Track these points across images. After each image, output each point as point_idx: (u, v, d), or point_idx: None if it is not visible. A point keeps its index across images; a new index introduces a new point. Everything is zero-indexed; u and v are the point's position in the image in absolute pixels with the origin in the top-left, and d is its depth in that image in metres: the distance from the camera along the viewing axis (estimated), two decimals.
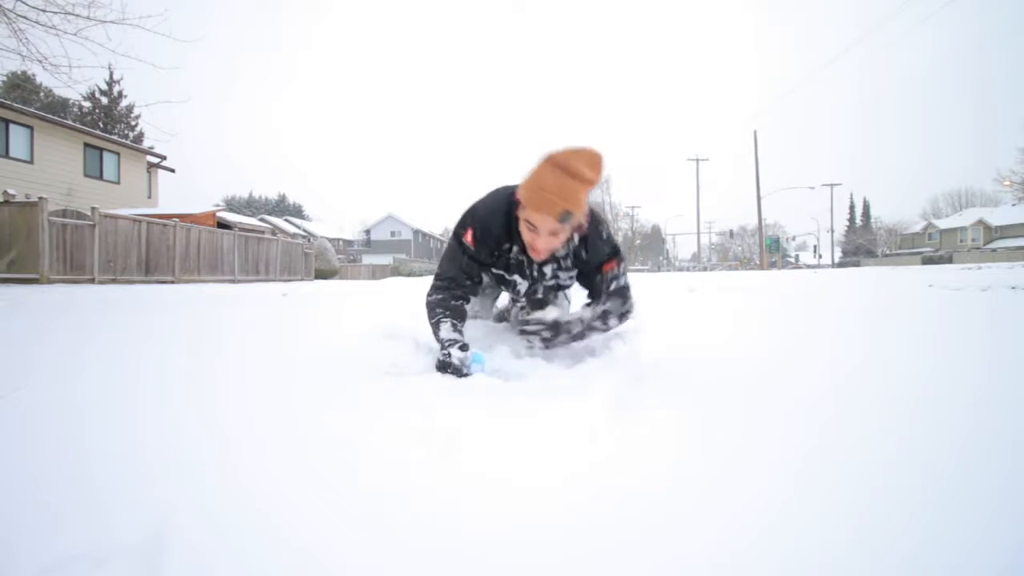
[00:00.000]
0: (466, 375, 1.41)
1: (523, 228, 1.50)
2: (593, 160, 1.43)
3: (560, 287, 1.76)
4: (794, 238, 67.21)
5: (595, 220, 1.61)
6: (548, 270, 1.68)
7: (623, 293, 1.67)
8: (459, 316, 1.63)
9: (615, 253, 1.68)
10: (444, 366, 1.44)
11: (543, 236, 1.47)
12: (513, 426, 1.02)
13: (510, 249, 1.65)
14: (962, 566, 0.58)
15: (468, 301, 1.69)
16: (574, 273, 1.71)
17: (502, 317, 2.13)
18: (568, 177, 1.39)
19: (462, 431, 0.98)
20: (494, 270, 1.70)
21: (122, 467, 0.84)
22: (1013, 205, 47.82)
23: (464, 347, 1.49)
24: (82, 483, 0.78)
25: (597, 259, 1.66)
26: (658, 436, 0.98)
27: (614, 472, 0.82)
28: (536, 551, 0.62)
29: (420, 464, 0.85)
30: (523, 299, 1.89)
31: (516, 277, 1.71)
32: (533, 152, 1.54)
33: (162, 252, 11.55)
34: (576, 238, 1.60)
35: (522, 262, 1.67)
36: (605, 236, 1.65)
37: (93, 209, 9.94)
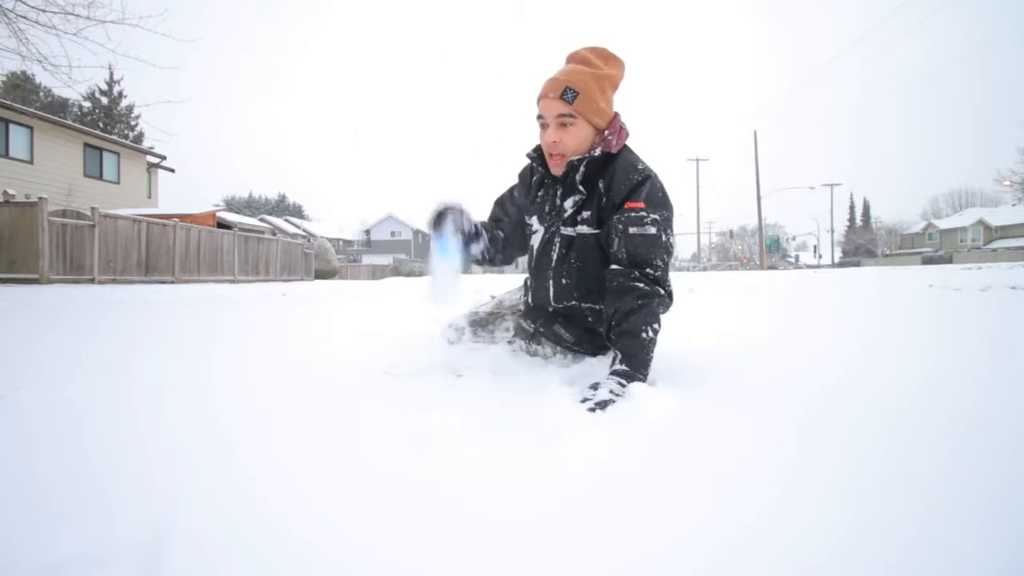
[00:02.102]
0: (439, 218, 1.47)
1: (540, 136, 1.45)
2: (599, 51, 1.43)
3: (576, 244, 1.47)
4: (794, 238, 67.22)
5: (631, 151, 1.46)
6: (569, 204, 1.47)
7: (644, 248, 1.33)
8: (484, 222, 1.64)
9: (647, 194, 1.37)
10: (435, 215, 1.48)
11: (552, 127, 1.39)
12: (512, 427, 1.03)
13: (539, 185, 1.59)
14: (956, 567, 0.58)
15: (500, 230, 1.67)
16: (595, 219, 1.43)
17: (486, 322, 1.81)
18: (572, 63, 1.43)
19: (462, 431, 0.99)
20: (526, 218, 1.63)
21: (122, 467, 0.84)
22: (1013, 205, 47.79)
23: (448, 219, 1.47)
24: (82, 483, 0.78)
25: (621, 193, 1.38)
26: (656, 435, 0.98)
27: (612, 472, 0.83)
28: (536, 549, 0.62)
29: (420, 463, 0.85)
30: (532, 267, 1.61)
31: (535, 220, 1.58)
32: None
33: (162, 252, 11.54)
34: (599, 151, 1.40)
35: (544, 200, 1.55)
36: (640, 167, 1.41)
37: (93, 209, 9.94)
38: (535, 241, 1.58)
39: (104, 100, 29.79)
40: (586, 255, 1.47)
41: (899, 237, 58.26)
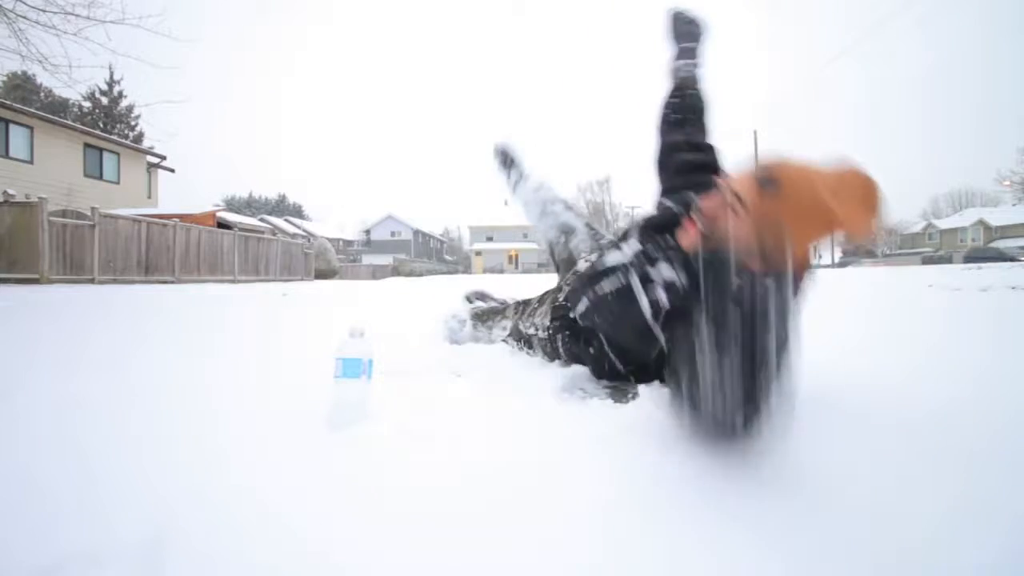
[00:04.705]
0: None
1: None
2: None
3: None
4: None
5: None
6: None
7: None
8: None
9: None
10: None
11: None
12: (511, 427, 1.03)
13: None
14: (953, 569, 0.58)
15: None
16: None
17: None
18: None
19: (461, 430, 0.99)
20: None
21: (122, 467, 0.84)
22: (1013, 205, 47.71)
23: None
24: (82, 483, 0.78)
25: None
26: (655, 435, 0.98)
27: (611, 472, 0.83)
28: (535, 549, 0.62)
29: (421, 464, 0.85)
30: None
31: None
32: (533, 150, 1.53)
33: (162, 252, 11.54)
34: None
35: None
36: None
37: (93, 209, 9.93)
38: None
39: (104, 100, 29.75)
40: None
41: (899, 237, 58.22)
